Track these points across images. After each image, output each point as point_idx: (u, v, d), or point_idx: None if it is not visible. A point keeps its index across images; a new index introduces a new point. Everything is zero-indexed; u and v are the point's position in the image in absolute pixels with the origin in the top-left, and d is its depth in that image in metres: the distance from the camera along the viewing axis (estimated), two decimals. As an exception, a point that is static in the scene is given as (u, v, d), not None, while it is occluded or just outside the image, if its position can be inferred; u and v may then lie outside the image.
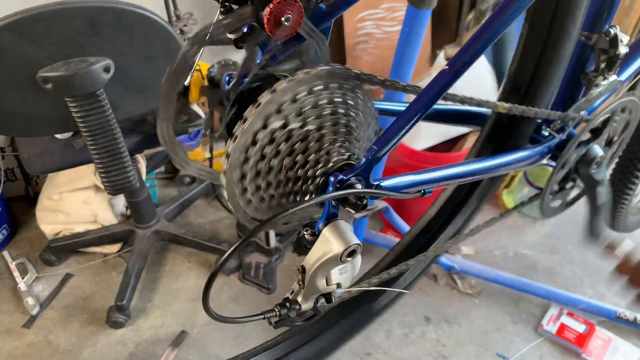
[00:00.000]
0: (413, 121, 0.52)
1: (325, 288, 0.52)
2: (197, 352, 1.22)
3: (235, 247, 0.44)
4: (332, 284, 0.52)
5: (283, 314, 0.52)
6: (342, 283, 0.53)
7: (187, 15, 1.45)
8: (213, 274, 0.45)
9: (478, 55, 0.50)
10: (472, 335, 1.25)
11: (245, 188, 0.51)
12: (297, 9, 0.47)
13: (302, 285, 0.52)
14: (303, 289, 0.52)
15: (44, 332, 1.26)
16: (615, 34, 0.73)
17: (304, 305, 0.53)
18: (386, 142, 0.52)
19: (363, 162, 0.51)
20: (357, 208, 0.50)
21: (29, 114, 0.92)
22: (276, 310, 0.52)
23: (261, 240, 1.40)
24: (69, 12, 0.82)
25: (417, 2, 0.95)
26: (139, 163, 1.47)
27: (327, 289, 0.52)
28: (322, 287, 0.51)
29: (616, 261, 1.40)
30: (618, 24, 0.76)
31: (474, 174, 0.69)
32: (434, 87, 0.51)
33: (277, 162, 0.51)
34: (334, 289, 0.52)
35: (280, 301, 0.54)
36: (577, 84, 0.80)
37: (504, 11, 0.50)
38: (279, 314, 0.52)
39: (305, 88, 0.49)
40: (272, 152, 0.50)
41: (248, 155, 0.49)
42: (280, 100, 0.48)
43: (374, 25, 1.58)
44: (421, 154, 1.41)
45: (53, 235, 1.45)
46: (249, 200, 0.53)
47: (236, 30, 0.49)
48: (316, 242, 0.50)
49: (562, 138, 0.81)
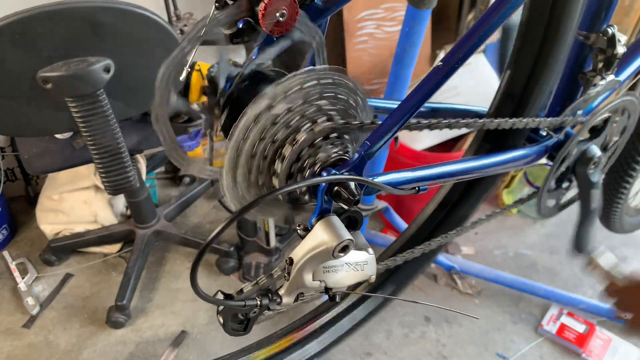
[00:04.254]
0: (406, 117, 0.52)
1: (310, 283, 0.50)
2: (197, 352, 1.22)
3: (223, 226, 0.42)
4: (317, 279, 0.51)
5: (264, 304, 0.51)
6: (326, 282, 0.51)
7: (187, 15, 1.45)
8: (201, 252, 0.43)
9: (472, 52, 0.50)
10: (472, 335, 1.25)
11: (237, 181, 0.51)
12: (292, 4, 0.48)
13: (286, 278, 0.51)
14: (287, 281, 0.51)
15: (44, 332, 1.26)
16: (613, 34, 0.72)
17: (285, 299, 0.52)
18: (379, 138, 0.52)
19: (356, 158, 0.51)
20: (349, 203, 0.49)
21: (29, 114, 0.92)
22: (257, 300, 0.51)
23: (261, 240, 1.40)
24: (69, 12, 0.82)
25: (417, 2, 0.95)
26: (139, 163, 1.47)
27: (312, 285, 0.51)
28: (307, 281, 0.50)
29: (598, 276, 1.39)
30: (618, 23, 0.76)
31: (469, 172, 0.69)
32: (428, 84, 0.51)
33: (269, 158, 0.50)
34: (318, 285, 0.51)
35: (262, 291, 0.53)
36: (574, 83, 0.80)
37: (498, 8, 0.50)
38: (260, 304, 0.51)
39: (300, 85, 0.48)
40: (264, 148, 0.49)
41: (239, 152, 0.49)
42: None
43: (374, 25, 1.58)
44: (421, 154, 1.41)
45: (53, 235, 1.46)
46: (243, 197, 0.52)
47: (231, 26, 0.49)
48: (307, 236, 0.50)
49: (559, 138, 0.81)
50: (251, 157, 0.49)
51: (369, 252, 0.52)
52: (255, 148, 0.49)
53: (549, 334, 1.24)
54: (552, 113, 0.84)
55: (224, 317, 0.52)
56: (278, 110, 0.48)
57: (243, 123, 0.47)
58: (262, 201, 0.45)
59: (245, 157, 0.49)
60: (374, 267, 0.53)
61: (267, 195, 0.45)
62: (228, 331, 0.53)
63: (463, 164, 0.68)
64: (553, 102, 0.83)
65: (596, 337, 1.22)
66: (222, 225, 0.42)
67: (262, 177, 0.52)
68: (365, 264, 0.52)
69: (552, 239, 1.55)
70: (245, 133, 0.48)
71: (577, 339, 1.21)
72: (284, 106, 0.48)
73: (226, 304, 0.50)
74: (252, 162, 0.50)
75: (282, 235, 1.48)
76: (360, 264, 0.52)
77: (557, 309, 1.29)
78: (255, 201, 0.44)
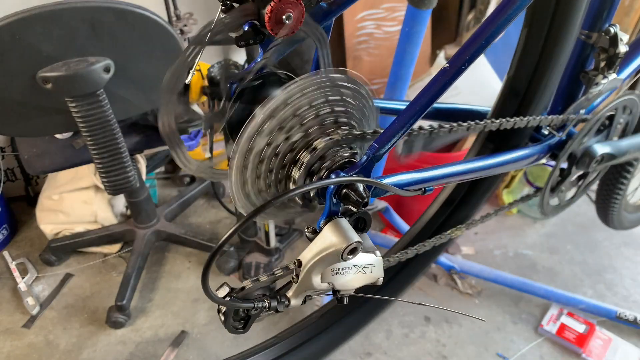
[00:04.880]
0: (414, 119, 0.52)
1: (319, 285, 0.51)
2: (197, 352, 1.22)
3: (236, 227, 0.43)
4: (325, 281, 0.51)
5: (272, 306, 0.51)
6: (335, 284, 0.51)
7: (187, 15, 1.45)
8: (213, 254, 0.44)
9: (479, 53, 0.50)
10: (472, 335, 1.25)
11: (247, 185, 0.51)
12: (298, 7, 0.48)
13: (295, 280, 0.51)
14: (296, 283, 0.51)
15: (44, 332, 1.26)
16: (615, 33, 0.73)
17: (293, 301, 0.52)
18: (387, 140, 0.52)
19: (364, 160, 0.51)
20: (358, 206, 0.49)
21: (29, 114, 0.92)
22: (266, 301, 0.51)
23: (261, 240, 1.40)
24: (69, 12, 0.82)
25: (417, 2, 0.95)
26: (139, 163, 1.47)
27: (320, 287, 0.51)
28: (316, 283, 0.50)
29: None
30: (618, 23, 0.76)
31: (473, 172, 0.69)
32: (435, 86, 0.51)
33: (277, 161, 0.51)
34: (327, 287, 0.51)
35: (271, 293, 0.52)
36: (577, 82, 0.80)
37: (504, 9, 0.50)
38: (269, 306, 0.51)
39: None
40: (272, 151, 0.50)
41: (249, 156, 0.49)
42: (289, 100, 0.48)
43: (374, 25, 1.58)
44: (421, 154, 1.41)
45: (53, 235, 1.46)
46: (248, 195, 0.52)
47: (237, 29, 0.49)
48: (316, 238, 0.50)
49: (562, 137, 0.81)
50: (259, 162, 0.50)
51: (377, 254, 0.52)
52: (263, 152, 0.49)
53: (549, 334, 1.24)
54: (555, 112, 0.84)
55: (225, 314, 0.53)
56: (288, 113, 0.48)
57: (252, 126, 0.47)
58: (274, 203, 0.45)
59: (253, 161, 0.49)
60: (382, 269, 0.53)
61: (280, 197, 0.45)
62: (229, 328, 0.53)
63: (468, 164, 0.68)
64: (555, 101, 0.83)
65: (596, 337, 1.22)
66: (235, 226, 0.43)
67: (272, 181, 0.52)
68: (373, 267, 0.52)
69: (552, 239, 1.55)
70: (254, 136, 0.48)
71: (577, 339, 1.21)
72: (294, 109, 0.48)
73: (236, 306, 0.50)
74: (261, 166, 0.50)
75: (282, 235, 1.48)
76: (368, 266, 0.52)
77: (557, 309, 1.29)
78: (268, 202, 0.44)
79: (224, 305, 0.50)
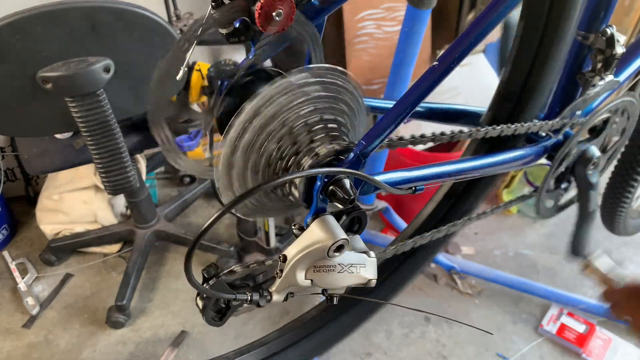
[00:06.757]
0: (402, 116, 0.52)
1: (302, 282, 0.50)
2: (197, 352, 1.22)
3: (215, 217, 0.42)
4: (309, 278, 0.50)
5: (254, 299, 0.51)
6: (318, 281, 0.51)
7: (187, 15, 1.45)
8: (195, 241, 0.43)
9: (468, 51, 0.50)
10: (472, 335, 1.25)
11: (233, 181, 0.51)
12: (288, 4, 0.48)
13: (279, 275, 0.50)
14: (279, 278, 0.50)
15: (44, 332, 1.26)
16: (612, 34, 0.72)
17: (275, 296, 0.52)
18: (375, 137, 0.52)
19: (352, 157, 0.51)
20: (344, 203, 0.49)
21: (29, 114, 0.92)
22: (248, 294, 0.51)
23: (261, 240, 1.40)
24: (69, 12, 0.82)
25: (417, 2, 0.95)
26: (139, 163, 1.47)
27: (303, 283, 0.50)
28: (300, 280, 0.50)
29: (595, 280, 1.39)
30: (618, 23, 0.76)
31: (467, 172, 0.69)
32: (424, 83, 0.51)
33: (265, 154, 0.50)
34: (309, 284, 0.50)
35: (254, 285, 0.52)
36: (573, 84, 0.80)
37: (495, 7, 0.50)
38: (250, 299, 0.51)
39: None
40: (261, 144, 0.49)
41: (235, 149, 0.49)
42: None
43: (374, 25, 1.58)
44: (421, 154, 1.41)
45: (53, 235, 1.46)
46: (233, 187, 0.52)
47: (228, 25, 0.49)
48: (302, 234, 0.49)
49: (558, 138, 0.80)
50: (247, 155, 0.49)
51: (370, 255, 0.52)
52: (251, 146, 0.49)
53: (549, 334, 1.24)
54: (551, 113, 0.83)
55: (205, 303, 0.52)
56: (274, 109, 0.48)
57: (239, 120, 0.47)
58: (252, 193, 0.44)
59: (241, 155, 0.49)
60: (375, 270, 0.52)
61: (256, 188, 0.44)
62: (207, 318, 0.53)
63: (461, 164, 0.68)
64: (552, 102, 0.83)
65: (596, 337, 1.22)
66: (213, 217, 0.41)
67: (258, 175, 0.51)
68: (362, 267, 0.51)
69: (552, 239, 1.55)
70: (241, 131, 0.48)
71: (577, 339, 1.21)
72: (280, 106, 0.48)
73: (218, 295, 0.50)
74: (248, 160, 0.50)
75: (282, 235, 1.48)
76: (356, 265, 0.51)
77: (557, 309, 1.29)
78: (246, 193, 0.44)
79: (205, 293, 0.50)
